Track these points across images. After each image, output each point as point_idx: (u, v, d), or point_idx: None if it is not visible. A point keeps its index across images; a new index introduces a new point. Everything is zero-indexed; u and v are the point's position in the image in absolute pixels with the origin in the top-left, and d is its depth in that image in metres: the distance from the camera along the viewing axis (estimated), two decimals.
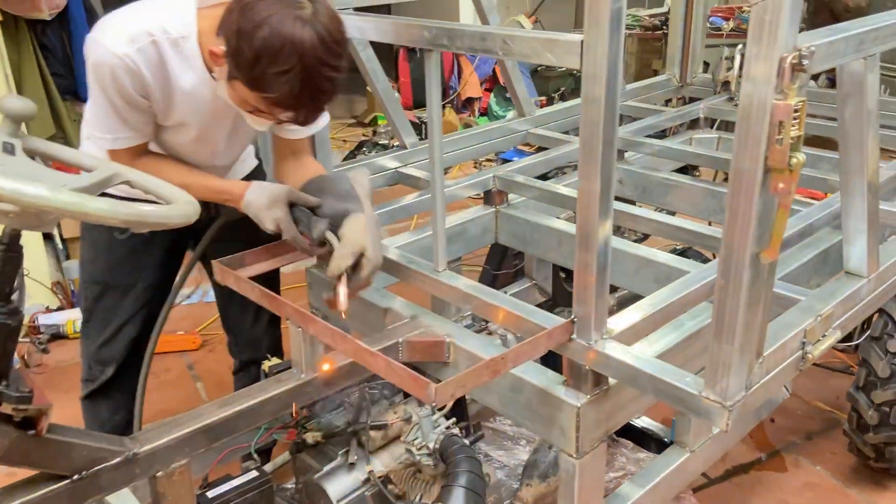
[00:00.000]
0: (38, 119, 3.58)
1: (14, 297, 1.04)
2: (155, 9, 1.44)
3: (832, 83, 5.93)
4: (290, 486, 1.73)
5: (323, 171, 1.67)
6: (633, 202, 2.47)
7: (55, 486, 1.15)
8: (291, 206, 1.50)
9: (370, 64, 2.17)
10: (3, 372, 1.04)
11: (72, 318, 3.15)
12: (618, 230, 2.43)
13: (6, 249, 1.01)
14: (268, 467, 1.97)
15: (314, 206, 1.49)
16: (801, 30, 1.00)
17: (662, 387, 1.21)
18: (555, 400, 1.35)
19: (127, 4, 1.48)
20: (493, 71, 5.79)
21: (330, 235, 1.45)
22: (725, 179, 2.58)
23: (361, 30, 1.57)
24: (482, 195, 2.23)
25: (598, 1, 1.08)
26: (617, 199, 2.43)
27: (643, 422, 2.03)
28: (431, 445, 1.44)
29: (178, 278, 1.78)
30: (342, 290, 1.41)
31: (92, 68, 1.41)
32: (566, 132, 2.89)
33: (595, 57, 1.12)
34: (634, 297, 1.59)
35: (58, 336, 3.14)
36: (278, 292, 1.87)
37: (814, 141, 2.69)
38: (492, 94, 5.89)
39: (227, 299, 2.00)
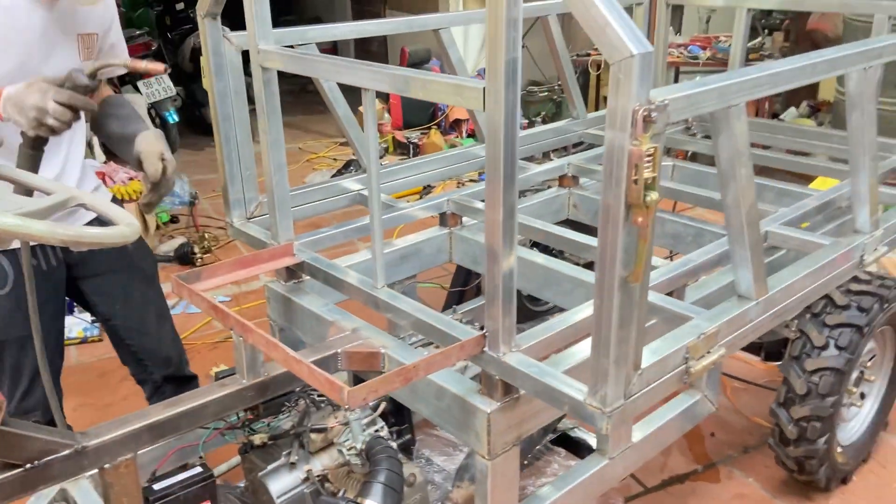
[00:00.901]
0: None
1: None
2: None
3: (813, 110, 6.10)
4: (240, 486, 1.87)
5: (110, 92, 1.91)
6: (590, 226, 2.60)
7: (8, 474, 1.30)
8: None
9: (332, 92, 2.33)
10: None
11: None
12: (562, 254, 2.56)
13: None
14: (222, 467, 2.13)
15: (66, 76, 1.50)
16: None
17: (554, 394, 1.35)
18: (470, 406, 1.49)
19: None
20: None
21: (92, 65, 1.52)
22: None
23: (317, 70, 1.74)
24: (438, 217, 2.39)
25: (496, 53, 1.24)
26: (574, 224, 2.59)
27: (578, 432, 2.17)
28: (359, 446, 1.59)
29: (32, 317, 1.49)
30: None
31: None
32: (530, 157, 3.06)
33: (495, 102, 1.27)
34: None
35: None
36: None
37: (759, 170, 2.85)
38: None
39: (123, 329, 2.00)
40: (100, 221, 1.66)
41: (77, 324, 3.36)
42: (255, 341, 1.51)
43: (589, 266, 2.78)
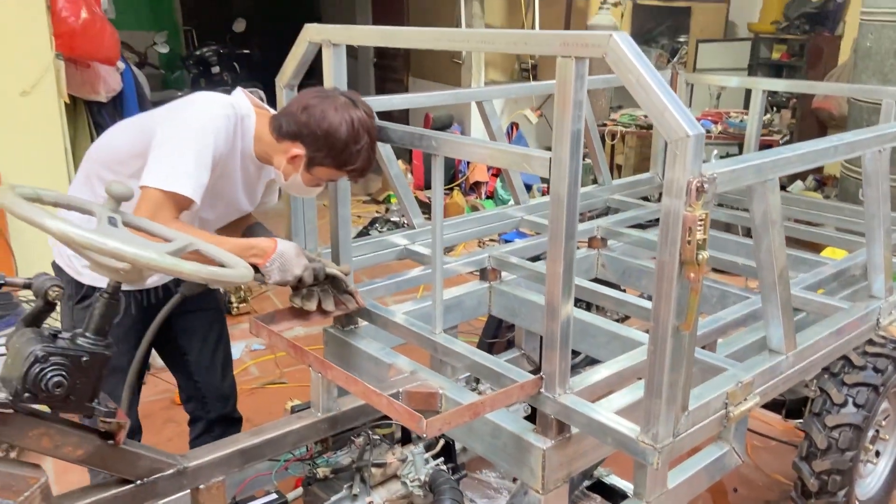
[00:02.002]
0: None
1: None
2: (233, 95, 1.87)
3: (819, 184, 6.35)
4: None
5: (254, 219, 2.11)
6: (617, 286, 2.79)
7: (123, 489, 1.45)
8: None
9: (384, 151, 2.54)
10: (96, 392, 1.36)
11: None
12: (600, 310, 2.73)
13: (109, 297, 1.35)
14: (289, 495, 2.26)
15: (317, 261, 1.87)
16: (786, 139, 1.34)
17: (608, 432, 1.51)
18: (525, 443, 1.64)
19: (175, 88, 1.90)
20: None
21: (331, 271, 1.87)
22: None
23: (390, 136, 1.95)
24: (478, 272, 2.57)
25: (563, 125, 1.44)
26: (602, 282, 2.77)
27: (612, 479, 2.30)
28: (422, 478, 1.73)
29: (143, 343, 1.65)
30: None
31: (198, 118, 1.74)
32: None
33: (560, 169, 1.47)
34: None
35: None
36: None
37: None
38: (497, 179, 6.31)
39: (195, 365, 2.18)
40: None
41: None
42: (334, 377, 1.67)
43: (622, 321, 2.96)
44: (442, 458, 1.83)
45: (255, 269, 1.75)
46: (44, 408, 1.35)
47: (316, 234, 2.38)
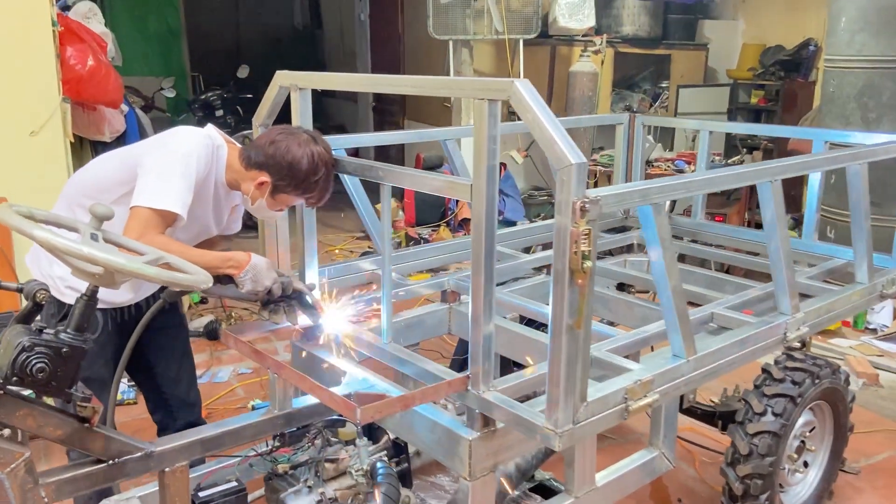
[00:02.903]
0: None
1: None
2: (206, 127, 2.13)
3: (796, 222, 6.58)
4: None
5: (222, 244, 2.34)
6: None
7: (97, 467, 1.68)
8: None
9: (355, 189, 2.80)
10: (74, 381, 1.60)
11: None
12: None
13: (88, 299, 1.59)
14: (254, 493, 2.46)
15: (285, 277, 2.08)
16: None
17: (521, 421, 1.72)
18: (455, 435, 1.86)
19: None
20: None
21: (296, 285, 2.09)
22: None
23: (343, 167, 2.22)
24: (440, 294, 2.81)
25: (480, 156, 1.69)
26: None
27: (555, 483, 2.50)
28: (365, 467, 1.95)
29: (126, 350, 1.85)
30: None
31: (182, 145, 1.98)
32: (528, 249, 3.51)
33: (479, 194, 1.71)
34: None
35: None
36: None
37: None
38: None
39: (162, 377, 2.38)
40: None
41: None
42: (287, 376, 1.90)
43: None
44: (384, 451, 2.04)
45: (231, 279, 1.99)
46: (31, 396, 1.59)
47: (288, 259, 2.64)
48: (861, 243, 2.55)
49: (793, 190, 5.14)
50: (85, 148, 4.37)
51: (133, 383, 3.41)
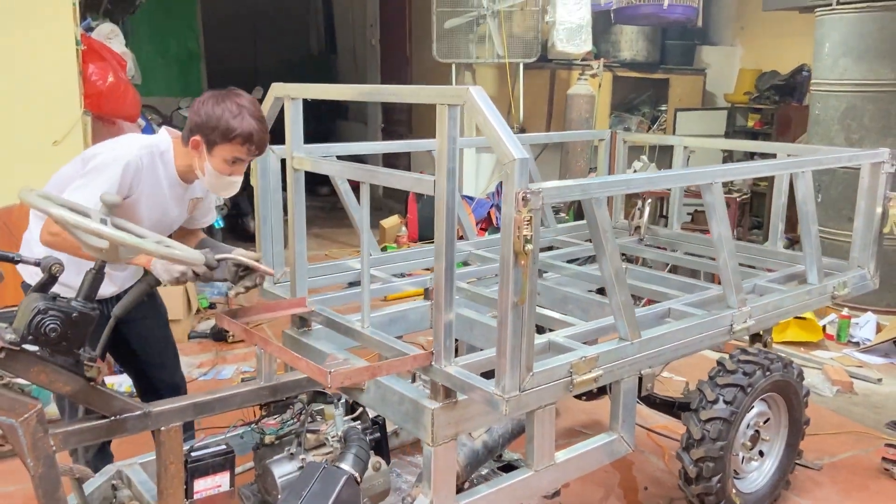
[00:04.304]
0: None
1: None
2: (144, 136, 2.34)
3: (791, 242, 6.75)
4: (253, 484, 2.43)
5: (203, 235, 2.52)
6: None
7: (100, 422, 1.91)
8: None
9: (347, 194, 3.05)
10: (83, 343, 1.84)
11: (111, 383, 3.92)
12: None
13: (96, 273, 1.84)
14: (238, 469, 2.68)
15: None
16: (745, 196, 1.74)
17: (472, 388, 1.93)
18: (420, 406, 2.07)
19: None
20: (488, 214, 6.75)
21: (219, 256, 2.16)
22: (646, 303, 3.31)
23: (326, 168, 2.46)
24: (424, 291, 3.03)
25: (442, 154, 1.92)
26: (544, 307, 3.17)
27: (522, 463, 2.68)
28: (339, 433, 2.16)
29: (104, 334, 2.01)
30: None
31: (112, 160, 2.14)
32: None
33: (441, 189, 1.94)
34: None
35: None
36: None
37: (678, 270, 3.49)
38: (486, 233, 6.80)
39: (146, 363, 2.58)
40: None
41: (126, 380, 3.98)
42: (272, 350, 2.13)
43: None
44: (359, 423, 2.25)
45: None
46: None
47: (283, 255, 2.87)
48: (810, 247, 2.75)
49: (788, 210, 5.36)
50: None
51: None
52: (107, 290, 2.39)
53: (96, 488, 2.24)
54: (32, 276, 2.29)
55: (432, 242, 2.11)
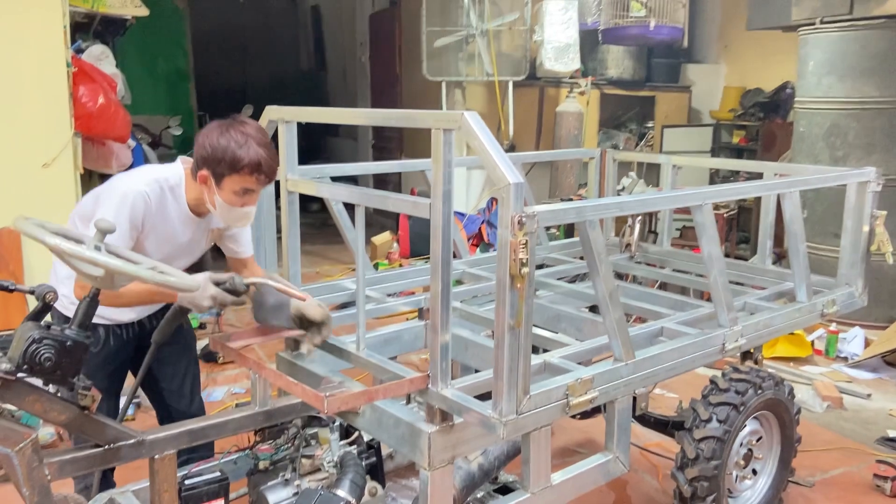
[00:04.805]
0: None
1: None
2: (159, 168, 2.30)
3: (778, 257, 6.81)
4: None
5: (263, 273, 2.43)
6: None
7: (94, 451, 1.89)
8: (217, 284, 2.09)
9: (340, 214, 3.05)
10: (77, 371, 1.82)
11: None
12: None
13: (90, 300, 1.83)
14: (232, 495, 2.66)
15: (229, 279, 2.10)
16: (732, 213, 1.75)
17: (469, 411, 1.93)
18: (416, 430, 2.06)
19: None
20: (479, 230, 6.77)
21: (247, 280, 2.12)
22: (636, 321, 3.32)
23: (322, 190, 2.46)
24: (417, 311, 3.04)
25: (438, 177, 1.93)
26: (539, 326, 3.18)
27: (518, 485, 2.68)
28: (335, 459, 2.15)
29: (144, 362, 2.17)
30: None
31: (120, 195, 2.13)
32: None
33: (436, 211, 1.95)
34: None
35: None
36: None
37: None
38: (478, 249, 6.82)
39: (166, 391, 2.58)
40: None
41: None
42: (266, 375, 2.13)
43: None
44: (355, 446, 2.25)
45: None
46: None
47: (275, 260, 2.86)
48: (798, 266, 2.78)
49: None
50: (94, 180, 4.64)
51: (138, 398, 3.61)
52: (124, 316, 2.41)
53: None
54: (67, 307, 2.30)
55: (424, 259, 2.13)
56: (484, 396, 2.03)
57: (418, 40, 6.75)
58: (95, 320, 1.87)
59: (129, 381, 2.62)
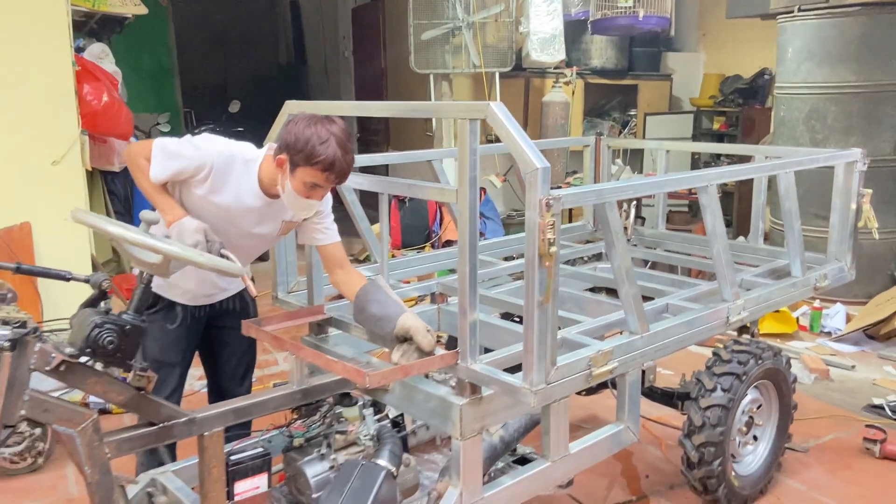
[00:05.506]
0: (99, 246, 4.60)
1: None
2: (237, 143, 2.34)
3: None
4: (283, 486, 2.53)
5: (363, 279, 2.46)
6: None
7: (149, 429, 2.00)
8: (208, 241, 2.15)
9: (353, 204, 3.16)
10: (134, 354, 1.93)
11: None
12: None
13: (145, 286, 1.94)
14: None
15: (217, 242, 2.16)
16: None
17: (503, 384, 2.07)
18: (447, 403, 2.20)
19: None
20: None
21: (225, 252, 2.12)
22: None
23: (353, 183, 2.57)
24: (429, 296, 3.17)
25: (464, 165, 2.05)
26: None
27: (535, 456, 2.83)
28: (371, 432, 2.28)
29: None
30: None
31: (198, 143, 2.24)
32: (510, 258, 3.89)
33: (463, 198, 2.08)
34: None
35: (104, 411, 3.90)
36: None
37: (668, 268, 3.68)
38: None
39: (221, 370, 2.73)
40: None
41: None
42: (305, 355, 2.24)
43: None
44: (388, 422, 2.37)
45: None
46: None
47: (295, 266, 2.98)
48: (794, 242, 2.96)
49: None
50: (95, 178, 4.70)
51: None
52: (201, 297, 2.53)
53: (133, 496, 2.33)
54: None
55: (415, 249, 2.26)
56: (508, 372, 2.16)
57: (404, 33, 6.84)
58: (176, 299, 2.07)
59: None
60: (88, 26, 4.94)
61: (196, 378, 4.35)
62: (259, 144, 2.52)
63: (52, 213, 3.93)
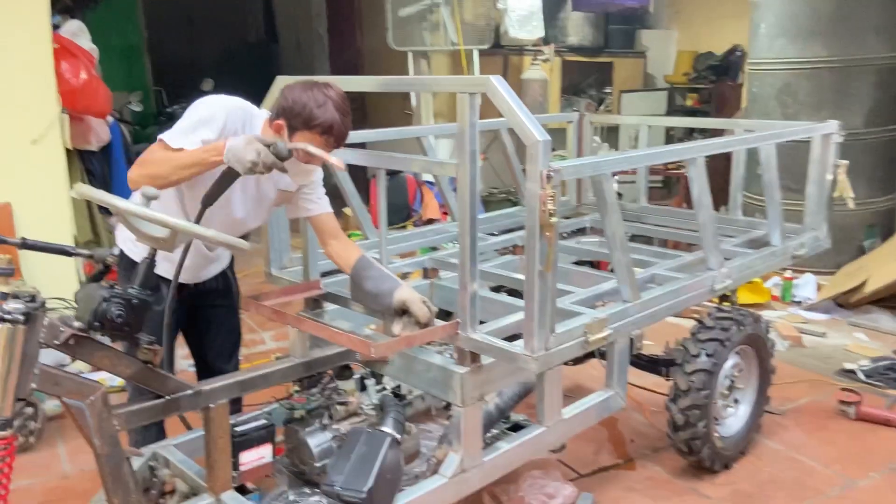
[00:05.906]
0: (79, 226, 4.55)
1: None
2: (241, 100, 2.28)
3: None
4: (282, 458, 2.57)
5: (359, 251, 2.45)
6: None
7: (156, 401, 2.03)
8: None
9: (344, 180, 3.19)
10: (141, 327, 1.95)
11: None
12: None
13: (150, 261, 1.95)
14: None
15: (273, 143, 2.04)
16: None
17: (503, 353, 2.13)
18: (448, 371, 2.26)
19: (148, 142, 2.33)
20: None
21: (290, 144, 2.08)
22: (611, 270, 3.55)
23: (349, 158, 2.59)
24: (422, 271, 3.21)
25: (463, 139, 2.09)
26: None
27: (529, 423, 2.91)
28: (375, 401, 2.33)
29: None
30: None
31: (206, 105, 2.16)
32: (492, 234, 3.95)
33: (463, 171, 2.12)
34: None
35: None
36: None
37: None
38: (448, 217, 7.00)
39: (207, 347, 2.69)
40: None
41: None
42: (308, 328, 2.28)
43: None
44: (389, 391, 2.43)
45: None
46: None
47: (288, 243, 3.00)
48: (774, 212, 3.06)
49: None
50: (72, 157, 4.63)
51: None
52: (185, 276, 2.40)
53: (136, 470, 2.35)
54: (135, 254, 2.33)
55: (397, 228, 2.28)
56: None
57: (380, 10, 6.81)
58: (167, 275, 2.02)
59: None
60: (62, 3, 4.85)
61: (182, 357, 4.37)
62: None
63: (32, 192, 3.90)
